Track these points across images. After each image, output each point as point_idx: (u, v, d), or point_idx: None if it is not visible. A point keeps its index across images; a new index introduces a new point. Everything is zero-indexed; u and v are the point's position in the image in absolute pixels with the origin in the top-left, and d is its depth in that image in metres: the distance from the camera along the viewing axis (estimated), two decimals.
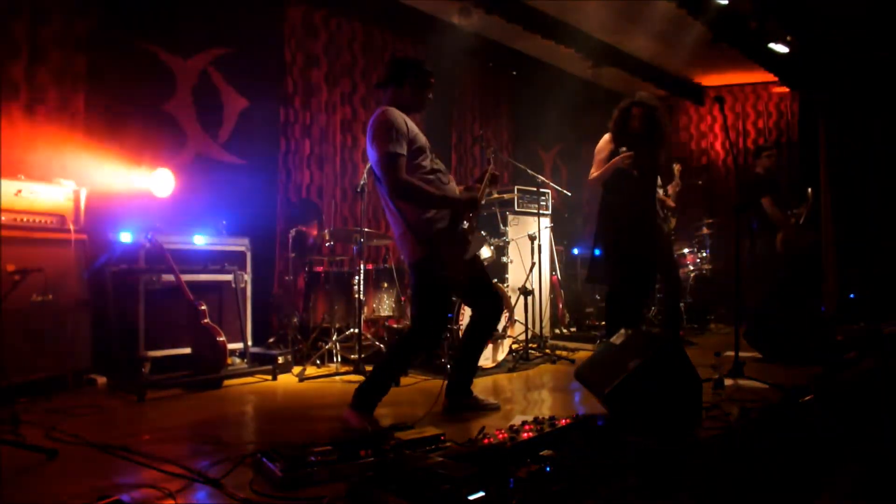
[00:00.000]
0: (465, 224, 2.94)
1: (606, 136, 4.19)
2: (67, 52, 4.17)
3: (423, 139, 2.96)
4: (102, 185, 4.24)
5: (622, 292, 4.18)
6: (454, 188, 3.06)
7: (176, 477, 2.11)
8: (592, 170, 4.19)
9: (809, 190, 6.15)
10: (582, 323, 6.97)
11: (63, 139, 4.15)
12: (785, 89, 7.96)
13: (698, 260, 6.87)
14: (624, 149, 4.02)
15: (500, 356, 4.56)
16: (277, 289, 5.22)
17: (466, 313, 4.36)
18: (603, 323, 5.36)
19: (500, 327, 4.56)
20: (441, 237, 2.89)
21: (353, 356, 4.32)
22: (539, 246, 5.24)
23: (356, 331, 4.29)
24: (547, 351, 4.95)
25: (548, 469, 1.87)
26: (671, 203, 5.64)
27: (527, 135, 8.02)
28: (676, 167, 5.55)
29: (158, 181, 4.26)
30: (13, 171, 3.90)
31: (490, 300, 3.25)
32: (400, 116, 2.89)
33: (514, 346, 4.82)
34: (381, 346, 4.54)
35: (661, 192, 5.55)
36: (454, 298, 4.40)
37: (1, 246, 3.24)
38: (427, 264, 2.92)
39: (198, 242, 4.30)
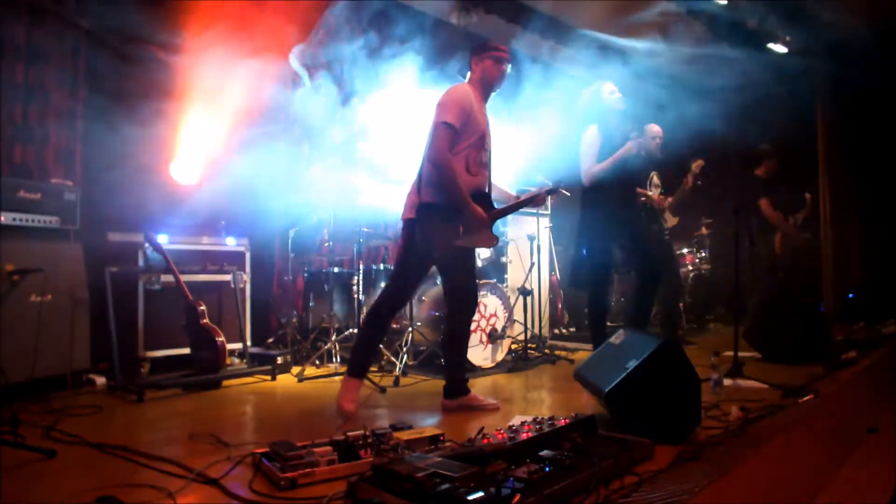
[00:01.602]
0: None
1: (594, 127, 4.18)
2: (67, 53, 4.17)
3: (482, 126, 3.14)
4: (102, 185, 4.24)
5: (599, 297, 4.21)
6: (484, 182, 3.20)
7: (176, 477, 2.11)
8: (588, 162, 4.13)
9: (808, 195, 6.16)
10: (581, 323, 6.97)
11: (63, 139, 4.15)
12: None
13: (697, 260, 6.87)
14: (635, 133, 4.05)
15: (500, 356, 4.57)
16: (277, 289, 5.22)
17: None
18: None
19: (499, 327, 4.57)
20: (438, 214, 3.02)
21: None
22: (538, 246, 5.24)
23: (355, 331, 4.28)
24: (546, 351, 4.96)
25: (547, 469, 1.87)
26: (663, 203, 5.63)
27: (526, 134, 8.02)
28: (696, 163, 5.47)
29: (182, 168, 4.40)
30: (13, 170, 3.91)
31: (455, 305, 3.25)
32: (469, 98, 3.09)
33: (514, 347, 4.82)
34: (381, 346, 4.53)
35: (655, 192, 5.54)
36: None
37: (1, 246, 3.25)
38: (412, 226, 3.10)
39: (197, 243, 4.30)
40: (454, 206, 3.01)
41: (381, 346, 4.53)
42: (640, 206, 4.55)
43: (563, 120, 7.48)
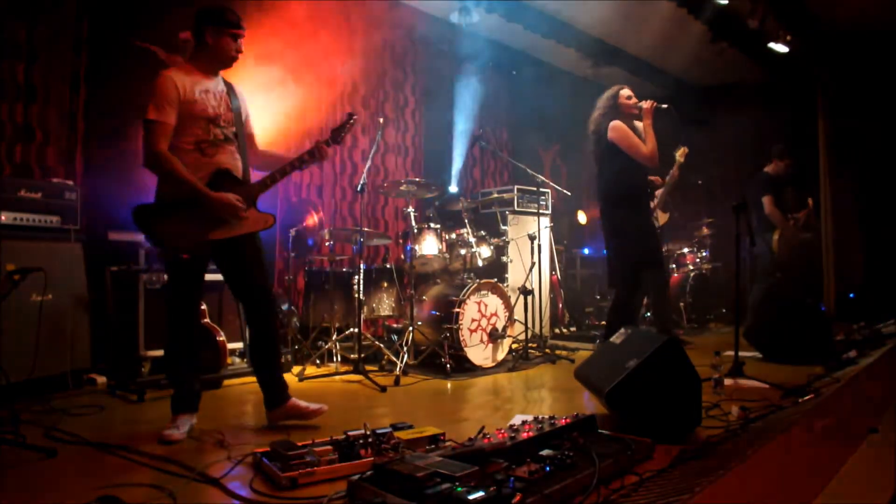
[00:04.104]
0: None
1: (617, 122, 4.11)
2: (67, 52, 4.17)
3: (205, 106, 2.78)
4: (102, 184, 4.24)
5: (632, 294, 4.15)
6: (225, 161, 2.82)
7: (176, 477, 2.11)
8: (640, 148, 3.98)
9: (810, 200, 6.15)
10: (582, 323, 6.97)
11: (63, 139, 4.15)
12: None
13: (698, 259, 6.87)
14: (661, 104, 4.02)
15: (500, 356, 4.57)
16: (277, 288, 5.22)
17: (466, 314, 4.37)
18: (603, 322, 5.36)
19: (500, 327, 4.57)
20: (158, 210, 2.77)
21: (352, 356, 4.32)
22: (539, 245, 5.24)
23: (356, 330, 4.28)
24: (547, 350, 4.95)
25: (548, 469, 1.87)
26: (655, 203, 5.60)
27: (526, 134, 8.02)
28: (681, 151, 5.41)
29: None
30: (13, 170, 3.91)
31: (249, 304, 2.99)
32: (172, 82, 2.72)
33: (514, 346, 4.82)
34: (381, 345, 4.54)
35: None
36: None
37: (1, 245, 3.24)
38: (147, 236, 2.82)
39: None
40: (192, 197, 2.72)
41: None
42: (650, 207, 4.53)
43: (565, 121, 7.48)
